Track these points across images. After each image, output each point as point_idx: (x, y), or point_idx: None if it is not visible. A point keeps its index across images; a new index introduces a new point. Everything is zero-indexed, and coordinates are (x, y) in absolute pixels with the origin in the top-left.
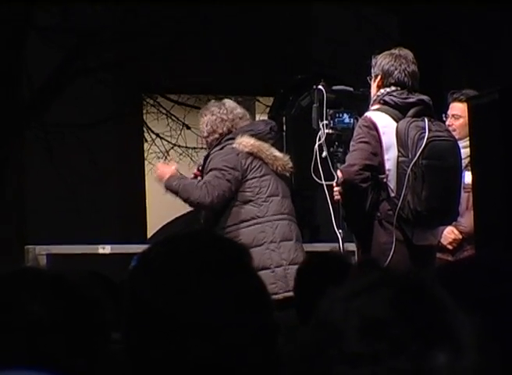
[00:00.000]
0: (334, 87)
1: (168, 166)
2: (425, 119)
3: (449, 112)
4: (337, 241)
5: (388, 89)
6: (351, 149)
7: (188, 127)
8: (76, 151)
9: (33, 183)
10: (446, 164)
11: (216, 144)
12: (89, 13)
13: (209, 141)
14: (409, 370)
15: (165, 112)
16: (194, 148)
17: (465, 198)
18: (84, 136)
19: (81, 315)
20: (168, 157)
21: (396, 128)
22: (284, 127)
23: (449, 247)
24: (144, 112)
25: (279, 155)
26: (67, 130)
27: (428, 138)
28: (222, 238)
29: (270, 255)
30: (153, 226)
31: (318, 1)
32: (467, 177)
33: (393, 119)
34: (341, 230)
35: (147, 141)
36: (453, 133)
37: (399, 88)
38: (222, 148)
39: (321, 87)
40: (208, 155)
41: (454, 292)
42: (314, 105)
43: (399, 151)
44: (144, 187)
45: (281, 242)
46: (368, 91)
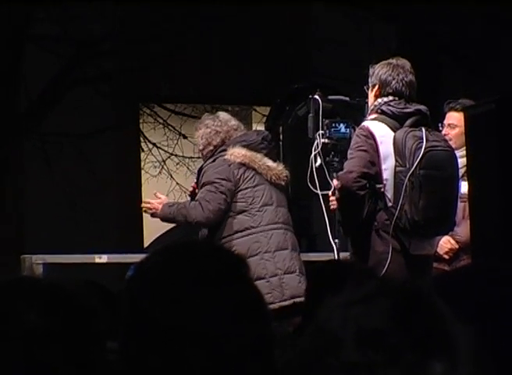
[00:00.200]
0: (330, 97)
1: (156, 199)
2: (423, 129)
3: (445, 122)
4: (333, 251)
5: (385, 99)
6: (349, 157)
7: (185, 137)
8: (74, 161)
9: (31, 192)
10: (443, 174)
11: (210, 156)
12: (87, 23)
13: (204, 154)
14: None
15: (161, 121)
16: (191, 158)
17: (461, 207)
18: (82, 146)
19: (78, 324)
20: (164, 166)
21: (394, 138)
22: (281, 137)
23: (446, 256)
24: (141, 121)
25: (273, 164)
26: (65, 139)
27: (425, 148)
28: (220, 248)
29: (265, 264)
30: (149, 235)
31: (316, 10)
32: (464, 187)
33: (391, 128)
34: (337, 240)
35: (143, 151)
36: (449, 142)
37: (396, 98)
38: (215, 160)
39: (317, 96)
40: (202, 168)
41: (453, 297)
42: (310, 114)
43: (396, 160)
44: (141, 196)
45: (276, 252)
46: (365, 100)
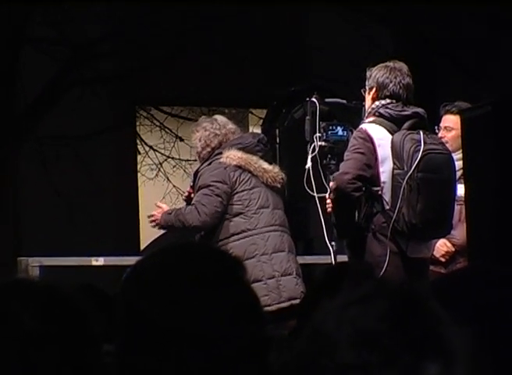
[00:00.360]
0: (327, 100)
1: (158, 208)
2: (421, 132)
3: (442, 125)
4: (330, 254)
5: (383, 101)
6: (345, 158)
7: (181, 139)
8: (71, 163)
9: (28, 194)
10: (441, 177)
11: (206, 158)
12: (84, 26)
13: (202, 156)
14: None
15: (158, 124)
16: (188, 160)
17: (458, 210)
18: (78, 148)
19: (73, 327)
20: (161, 169)
21: (392, 141)
22: (277, 139)
23: (442, 259)
24: (138, 124)
25: (268, 167)
26: (62, 142)
27: (423, 151)
28: (217, 250)
29: (262, 267)
30: (146, 238)
31: (313, 13)
32: (460, 190)
33: (388, 131)
34: (333, 243)
35: (140, 153)
36: (446, 145)
37: (394, 101)
38: (210, 164)
39: (314, 99)
40: (198, 171)
41: (451, 300)
42: (307, 117)
43: (394, 163)
44: (138, 199)
45: (273, 254)
46: (361, 103)
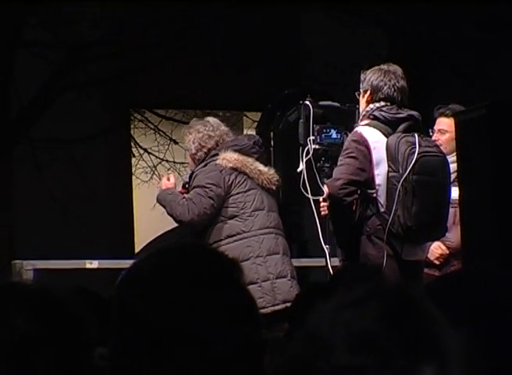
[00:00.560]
0: (321, 103)
1: (169, 180)
2: (415, 135)
3: (436, 127)
4: (325, 257)
5: (377, 104)
6: (338, 164)
7: (176, 142)
8: (65, 166)
9: (22, 197)
10: (436, 180)
11: (201, 160)
12: (78, 29)
13: (197, 158)
14: None
15: (152, 127)
16: (182, 163)
17: (452, 213)
18: (72, 151)
19: (66, 330)
20: (155, 172)
21: (387, 143)
22: (272, 142)
23: (436, 262)
24: (132, 127)
25: (264, 169)
26: (56, 145)
27: (418, 154)
28: (213, 251)
29: (257, 269)
30: (140, 241)
31: (307, 16)
32: (454, 192)
33: (383, 134)
34: (328, 246)
35: (134, 156)
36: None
37: (388, 103)
38: (206, 165)
39: (307, 102)
40: (193, 172)
41: (448, 301)
42: (301, 120)
43: (389, 166)
44: (132, 202)
45: (267, 256)
46: (355, 106)
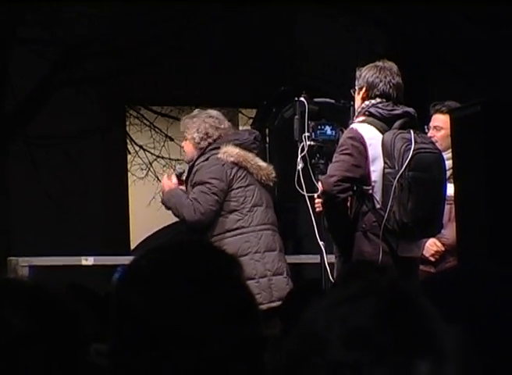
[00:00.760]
0: (316, 99)
1: (170, 180)
2: (411, 132)
3: (431, 124)
4: (320, 253)
5: (373, 101)
6: (333, 160)
7: (171, 139)
8: (60, 163)
9: (18, 194)
10: (431, 176)
11: (201, 153)
12: (74, 26)
13: (199, 147)
14: None
15: (148, 123)
16: (177, 160)
17: (447, 209)
18: (68, 148)
19: (61, 327)
20: (151, 169)
21: (382, 140)
22: (267, 139)
23: (432, 259)
24: (128, 123)
25: (263, 164)
26: (51, 141)
27: (414, 150)
28: (213, 248)
29: (255, 265)
30: (136, 237)
31: (303, 13)
32: (450, 189)
33: (379, 130)
34: (323, 242)
35: (130, 153)
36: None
37: (384, 100)
38: (207, 159)
39: (302, 99)
40: (193, 165)
41: (446, 298)
42: (296, 116)
43: (385, 162)
44: (128, 198)
45: (265, 252)
46: (350, 103)
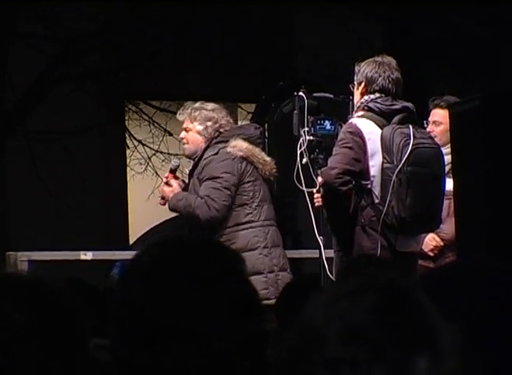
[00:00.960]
0: (315, 94)
1: (171, 185)
2: (410, 127)
3: (430, 119)
4: (319, 248)
5: (372, 96)
6: (334, 153)
7: (170, 134)
8: (59, 158)
9: (17, 189)
10: (430, 171)
11: (208, 141)
12: (73, 21)
13: (207, 135)
14: None
15: (147, 118)
16: (176, 155)
17: (446, 204)
18: (67, 143)
19: (60, 321)
20: (150, 163)
21: (381, 135)
22: (266, 134)
23: (431, 254)
24: (127, 118)
25: (268, 159)
26: (50, 137)
27: (413, 145)
28: (215, 243)
29: (263, 260)
30: (135, 232)
31: (302, 8)
32: (449, 184)
33: (378, 125)
34: (322, 237)
35: (129, 148)
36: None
37: (383, 95)
38: (217, 153)
39: (301, 93)
40: (200, 158)
41: (445, 294)
42: (295, 111)
43: (384, 157)
44: (126, 193)
45: (272, 248)
46: (349, 97)
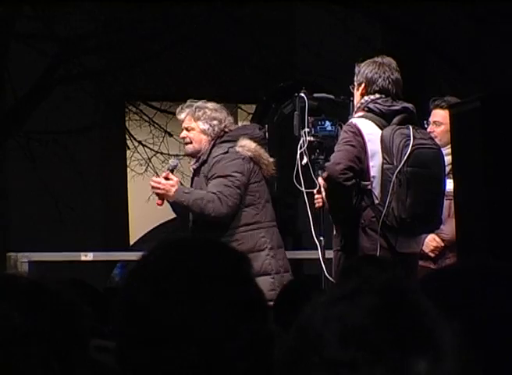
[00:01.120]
0: (315, 95)
1: (167, 179)
2: (410, 127)
3: (431, 119)
4: (318, 249)
5: (372, 96)
6: (336, 150)
7: (170, 135)
8: (59, 159)
9: (16, 190)
10: (430, 172)
11: (213, 140)
12: (72, 22)
13: (215, 137)
14: None
15: (147, 119)
16: (177, 156)
17: (447, 205)
18: (67, 143)
19: (60, 322)
20: (150, 164)
21: (381, 135)
22: (266, 135)
23: (431, 254)
24: (127, 119)
25: (271, 160)
26: (50, 137)
27: (412, 146)
28: (221, 245)
29: (270, 261)
30: (135, 233)
31: (301, 8)
32: (449, 185)
33: (378, 126)
34: (322, 238)
35: (129, 149)
36: (435, 140)
37: (383, 96)
38: (227, 152)
39: (302, 94)
40: (209, 156)
41: (446, 294)
42: (296, 112)
43: (383, 158)
44: (127, 194)
45: (278, 249)
46: (349, 98)
